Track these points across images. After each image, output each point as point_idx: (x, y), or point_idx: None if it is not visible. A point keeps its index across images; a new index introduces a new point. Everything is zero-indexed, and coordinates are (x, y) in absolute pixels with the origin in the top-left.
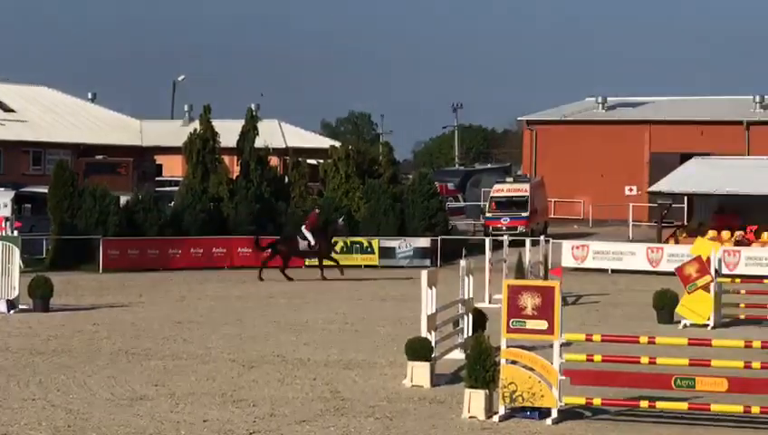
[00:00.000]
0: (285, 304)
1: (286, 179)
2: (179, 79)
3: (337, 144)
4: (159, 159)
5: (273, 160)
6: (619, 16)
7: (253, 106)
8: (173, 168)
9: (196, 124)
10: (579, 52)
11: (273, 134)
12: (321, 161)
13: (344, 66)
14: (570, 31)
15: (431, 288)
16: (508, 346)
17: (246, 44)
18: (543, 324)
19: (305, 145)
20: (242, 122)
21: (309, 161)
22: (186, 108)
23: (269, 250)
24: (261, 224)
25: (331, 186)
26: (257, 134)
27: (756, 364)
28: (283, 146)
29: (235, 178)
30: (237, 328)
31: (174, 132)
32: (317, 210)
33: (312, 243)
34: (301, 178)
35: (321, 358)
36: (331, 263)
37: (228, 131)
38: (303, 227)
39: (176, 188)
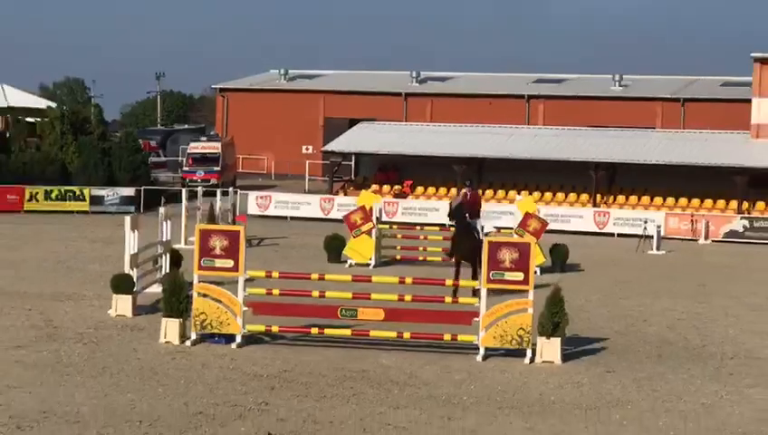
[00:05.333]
0: (4, 245)
1: (8, 135)
2: None
3: (53, 105)
4: None
5: None
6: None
7: None
8: None
9: None
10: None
11: None
12: (39, 120)
13: (62, 34)
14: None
15: (134, 231)
16: (200, 281)
17: None
18: (230, 263)
19: (25, 105)
20: None
21: (28, 120)
22: None
23: None
24: None
25: (47, 141)
26: None
27: (408, 297)
28: (5, 105)
29: None
30: None
31: None
32: None
33: None
34: (20, 134)
35: (35, 291)
36: None
37: None
38: None
39: None
